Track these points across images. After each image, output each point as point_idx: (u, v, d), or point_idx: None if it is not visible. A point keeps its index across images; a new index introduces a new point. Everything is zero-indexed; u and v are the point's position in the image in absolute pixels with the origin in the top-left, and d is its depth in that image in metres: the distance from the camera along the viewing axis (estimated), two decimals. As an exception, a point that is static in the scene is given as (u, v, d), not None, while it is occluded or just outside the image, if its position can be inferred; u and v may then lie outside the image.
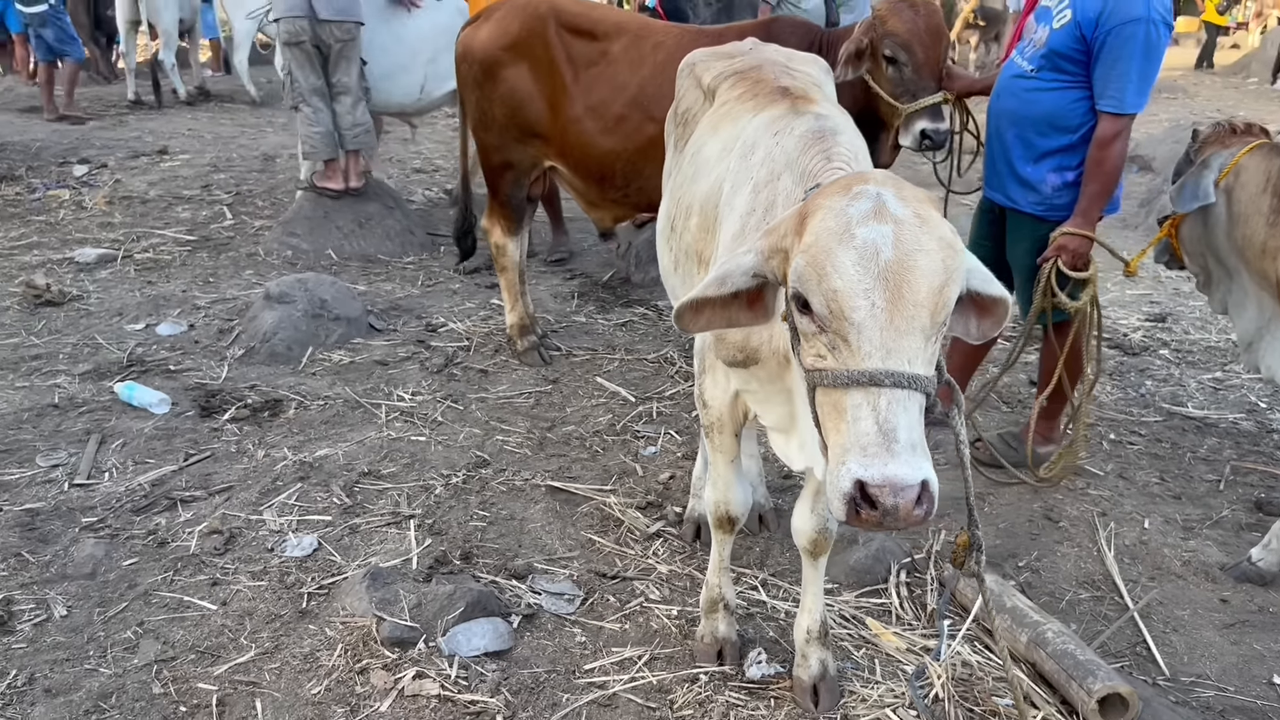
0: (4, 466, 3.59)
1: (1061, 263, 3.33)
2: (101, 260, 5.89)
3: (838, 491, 1.52)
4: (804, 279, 1.57)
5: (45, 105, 10.40)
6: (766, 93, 2.28)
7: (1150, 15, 3.06)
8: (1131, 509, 3.59)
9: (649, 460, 3.85)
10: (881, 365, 1.52)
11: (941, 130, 3.81)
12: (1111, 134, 3.18)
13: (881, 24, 3.79)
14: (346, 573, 3.04)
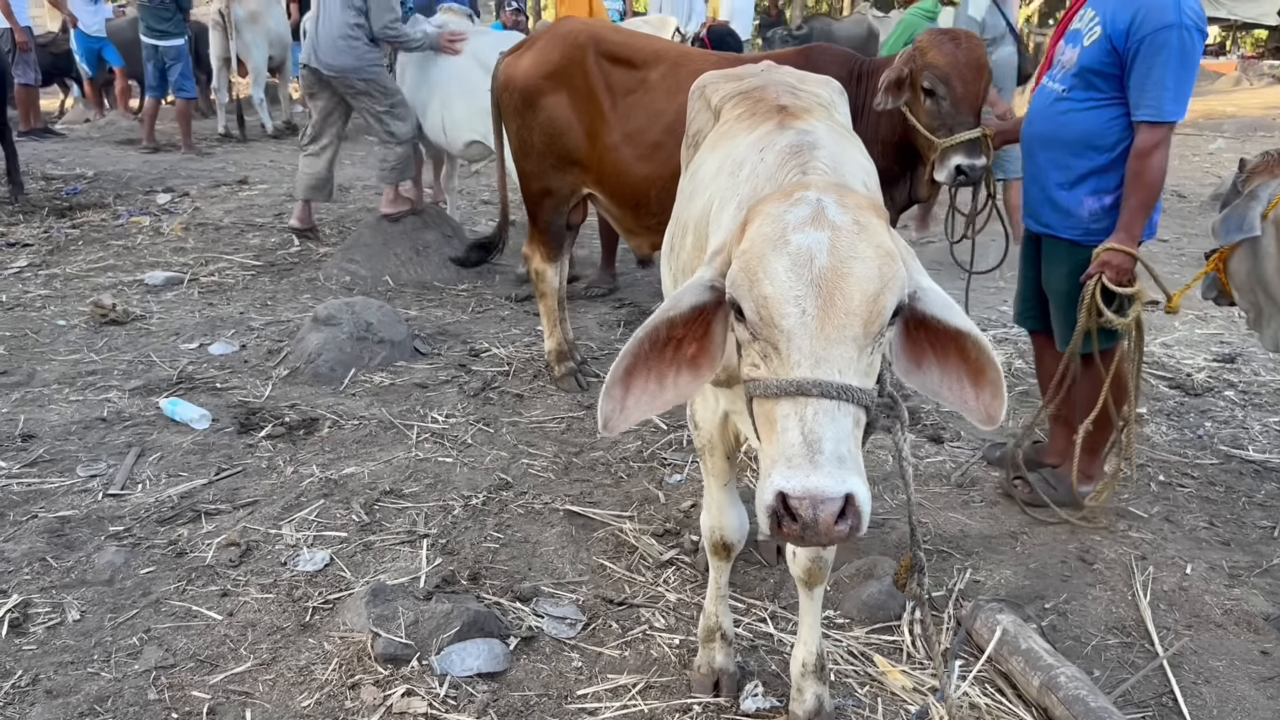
0: (46, 475, 3.72)
1: (1106, 279, 3.20)
2: (169, 283, 6.10)
3: (761, 503, 1.48)
4: (737, 284, 1.55)
5: (146, 137, 10.92)
6: (763, 111, 2.26)
7: (1182, 21, 2.96)
8: (1174, 553, 3.41)
9: (673, 488, 3.80)
10: (810, 374, 1.48)
11: (978, 166, 3.73)
12: (1151, 144, 3.06)
13: (922, 55, 3.73)
14: (353, 589, 3.05)
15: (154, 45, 10.50)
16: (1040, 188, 3.44)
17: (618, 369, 1.68)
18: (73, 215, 7.84)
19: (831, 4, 33.51)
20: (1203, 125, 15.15)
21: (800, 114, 2.18)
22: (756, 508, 1.51)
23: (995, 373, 1.69)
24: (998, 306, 6.06)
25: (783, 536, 1.47)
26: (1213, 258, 3.43)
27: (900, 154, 3.94)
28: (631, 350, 1.69)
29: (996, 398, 1.71)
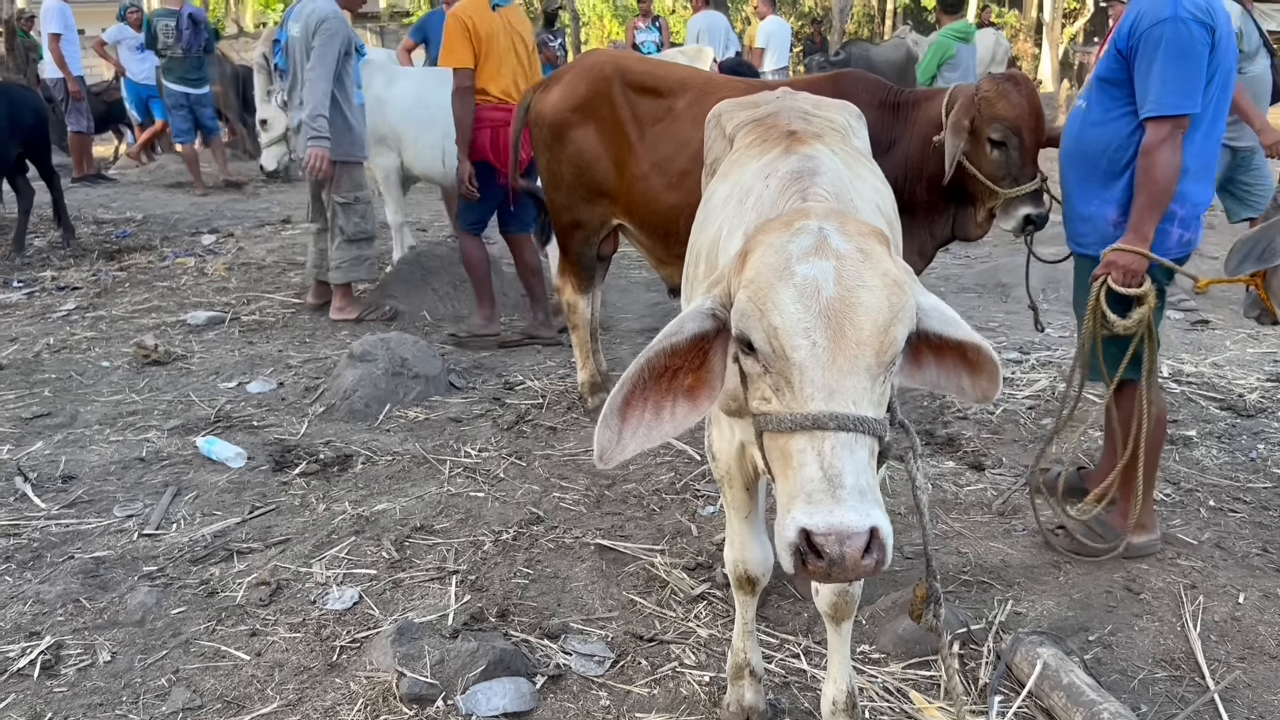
0: (84, 516, 3.76)
1: (1112, 280, 3.11)
2: (210, 322, 6.19)
3: (783, 541, 1.44)
4: (745, 316, 1.51)
5: (196, 182, 11.17)
6: (773, 138, 2.23)
7: (1178, 14, 2.89)
8: (1226, 582, 3.28)
9: (706, 520, 3.75)
10: (825, 408, 1.45)
11: (1044, 214, 3.72)
12: (1156, 140, 2.97)
13: (989, 106, 3.67)
14: (381, 627, 3.03)
15: (187, 93, 10.82)
16: (1071, 204, 3.37)
17: (615, 399, 1.65)
18: (121, 258, 8.02)
19: (872, 29, 33.50)
20: (1254, 139, 14.83)
21: (808, 139, 2.15)
22: (777, 545, 1.47)
23: (993, 366, 1.69)
24: (1041, 329, 5.94)
25: (808, 574, 1.44)
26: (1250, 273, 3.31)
27: (947, 191, 3.86)
28: (631, 379, 1.65)
29: (993, 383, 1.72)
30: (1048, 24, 26.85)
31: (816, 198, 1.83)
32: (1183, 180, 3.06)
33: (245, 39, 24.37)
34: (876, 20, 34.30)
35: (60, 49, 11.26)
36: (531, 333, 5.94)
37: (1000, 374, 1.72)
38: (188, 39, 10.47)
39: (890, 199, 2.39)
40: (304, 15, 5.63)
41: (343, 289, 6.22)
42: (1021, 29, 28.46)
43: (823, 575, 1.42)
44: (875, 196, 2.17)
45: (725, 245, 2.11)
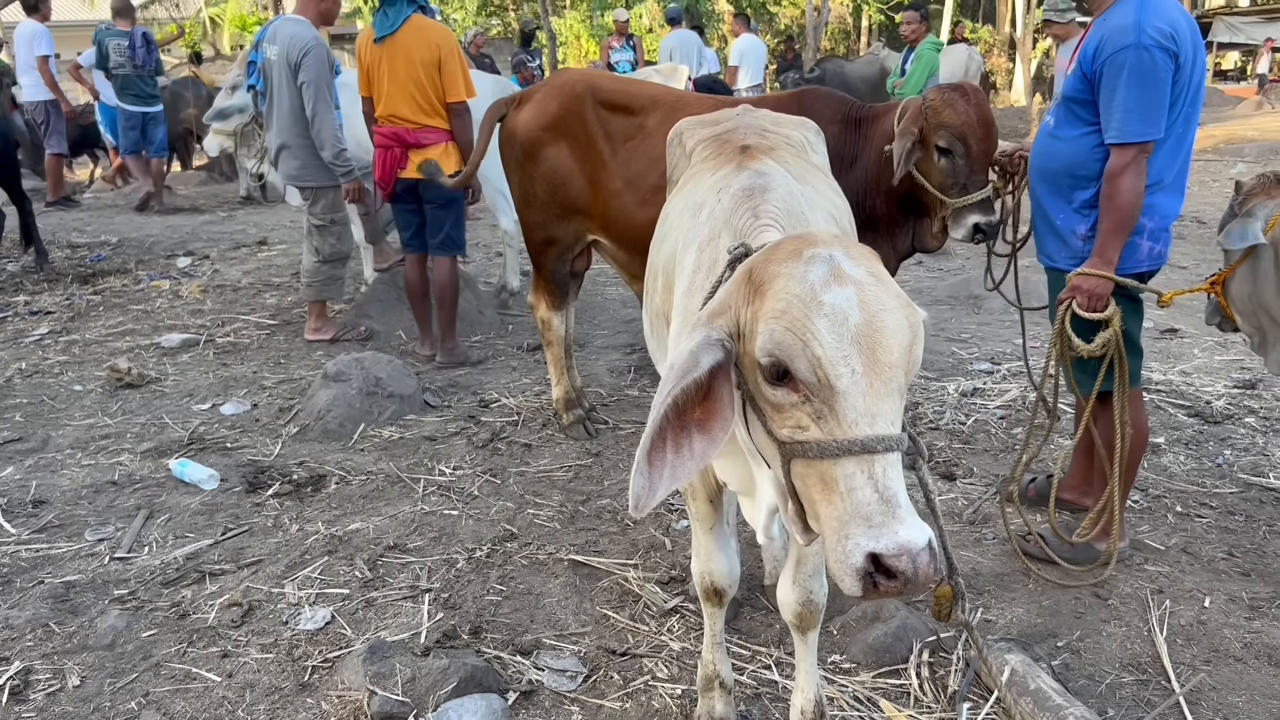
0: (55, 540, 3.74)
1: (1076, 305, 3.15)
2: (184, 345, 6.17)
3: (849, 568, 1.45)
4: (785, 347, 1.50)
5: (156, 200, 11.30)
6: (727, 153, 2.26)
7: (1141, 41, 2.93)
8: (1192, 586, 3.32)
9: (679, 535, 3.76)
10: (870, 431, 1.48)
11: (994, 223, 3.73)
12: (1119, 166, 3.02)
13: (935, 115, 3.70)
14: (353, 646, 3.03)
15: (143, 111, 10.94)
16: (1043, 219, 3.41)
17: (647, 443, 1.61)
18: (95, 282, 7.98)
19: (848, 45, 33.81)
20: (1224, 150, 15.05)
21: (760, 154, 2.18)
22: (835, 573, 1.48)
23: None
24: (1013, 340, 6.00)
25: (878, 596, 1.45)
26: (1210, 280, 3.37)
27: (904, 203, 3.90)
28: (659, 422, 1.61)
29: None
30: (1020, 39, 27.16)
31: (768, 215, 1.86)
32: (1153, 193, 3.11)
33: (221, 61, 24.38)
34: (852, 37, 34.64)
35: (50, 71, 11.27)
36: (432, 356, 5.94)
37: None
38: (141, 57, 10.59)
39: (846, 212, 2.42)
40: (281, 38, 5.64)
41: (317, 309, 6.23)
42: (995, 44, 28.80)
43: (895, 594, 1.45)
44: (830, 208, 2.19)
45: (681, 259, 2.13)
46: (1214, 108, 21.74)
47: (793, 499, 1.59)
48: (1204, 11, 29.86)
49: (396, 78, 5.24)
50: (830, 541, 1.48)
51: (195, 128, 12.80)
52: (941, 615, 1.98)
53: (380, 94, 5.34)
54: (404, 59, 5.22)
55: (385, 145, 5.41)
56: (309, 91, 5.60)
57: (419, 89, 5.25)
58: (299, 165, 5.84)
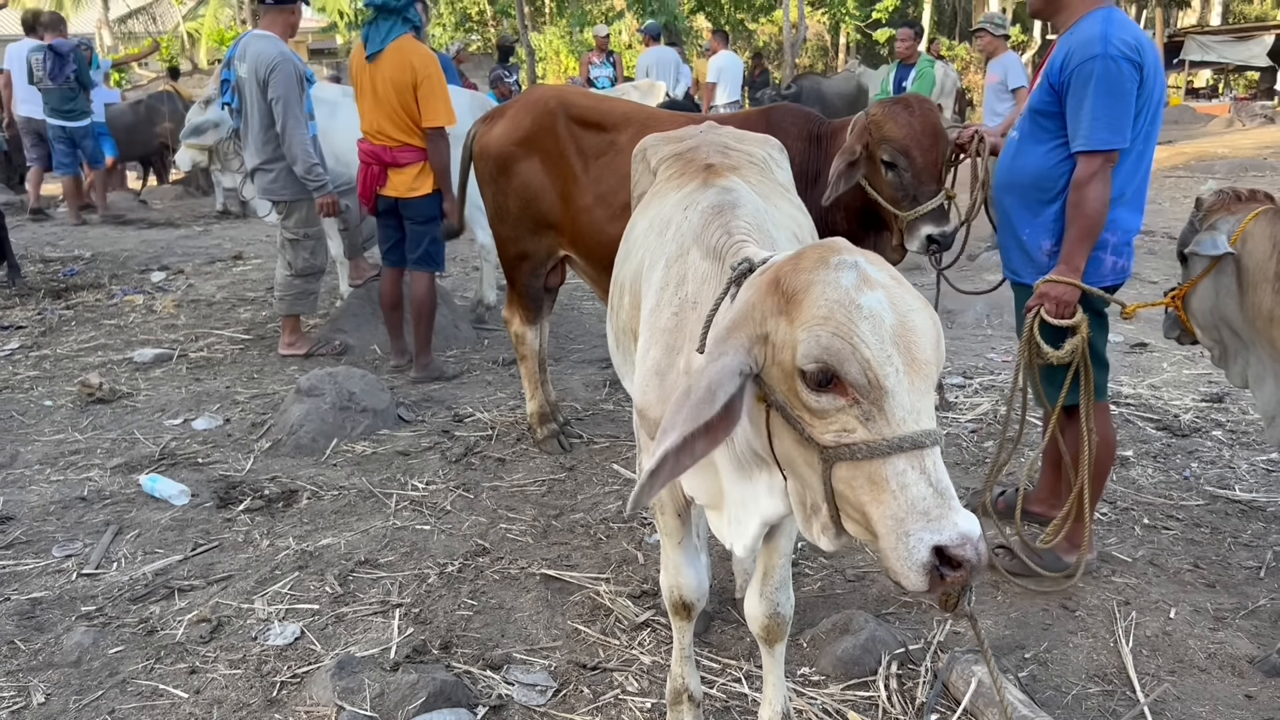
0: (21, 557, 3.71)
1: (1044, 312, 3.18)
2: (158, 359, 6.14)
3: (914, 564, 1.46)
4: (835, 351, 1.51)
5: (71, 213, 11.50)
6: (691, 171, 2.28)
7: (1108, 51, 2.98)
8: (1158, 597, 3.35)
9: (652, 549, 3.76)
10: (917, 427, 1.51)
11: (948, 233, 3.72)
12: (1087, 174, 3.06)
13: (878, 129, 3.71)
14: (323, 662, 3.01)
15: (62, 125, 10.88)
16: (1010, 234, 3.45)
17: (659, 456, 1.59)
18: (68, 296, 7.93)
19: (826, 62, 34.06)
20: (1195, 167, 15.25)
21: (725, 172, 2.20)
22: (898, 571, 1.49)
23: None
24: (984, 354, 6.06)
25: (945, 587, 1.47)
26: (1169, 294, 3.41)
27: (863, 218, 3.92)
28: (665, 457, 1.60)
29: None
30: (995, 56, 27.38)
31: (740, 230, 1.88)
32: (1115, 208, 3.15)
33: (199, 76, 24.32)
34: (830, 54, 34.90)
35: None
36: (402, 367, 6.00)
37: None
38: (52, 70, 10.55)
39: (810, 228, 2.45)
40: (250, 56, 5.65)
41: (291, 323, 6.21)
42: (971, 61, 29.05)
43: (960, 584, 1.46)
44: (792, 225, 2.22)
45: (648, 275, 2.15)
46: (1186, 125, 22.07)
47: (830, 504, 1.60)
48: (1176, 30, 30.31)
49: (377, 96, 5.28)
50: (888, 541, 1.49)
51: (171, 142, 12.74)
52: (949, 606, 1.98)
53: (364, 110, 5.38)
54: (384, 79, 5.25)
55: (366, 162, 5.45)
56: (279, 107, 5.61)
57: (395, 110, 5.28)
58: (271, 179, 5.83)
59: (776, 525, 2.15)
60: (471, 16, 31.15)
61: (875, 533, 1.51)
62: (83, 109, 10.98)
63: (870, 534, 1.53)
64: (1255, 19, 32.84)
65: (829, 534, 1.63)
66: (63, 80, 10.64)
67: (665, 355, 2.02)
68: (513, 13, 24.38)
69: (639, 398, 2.10)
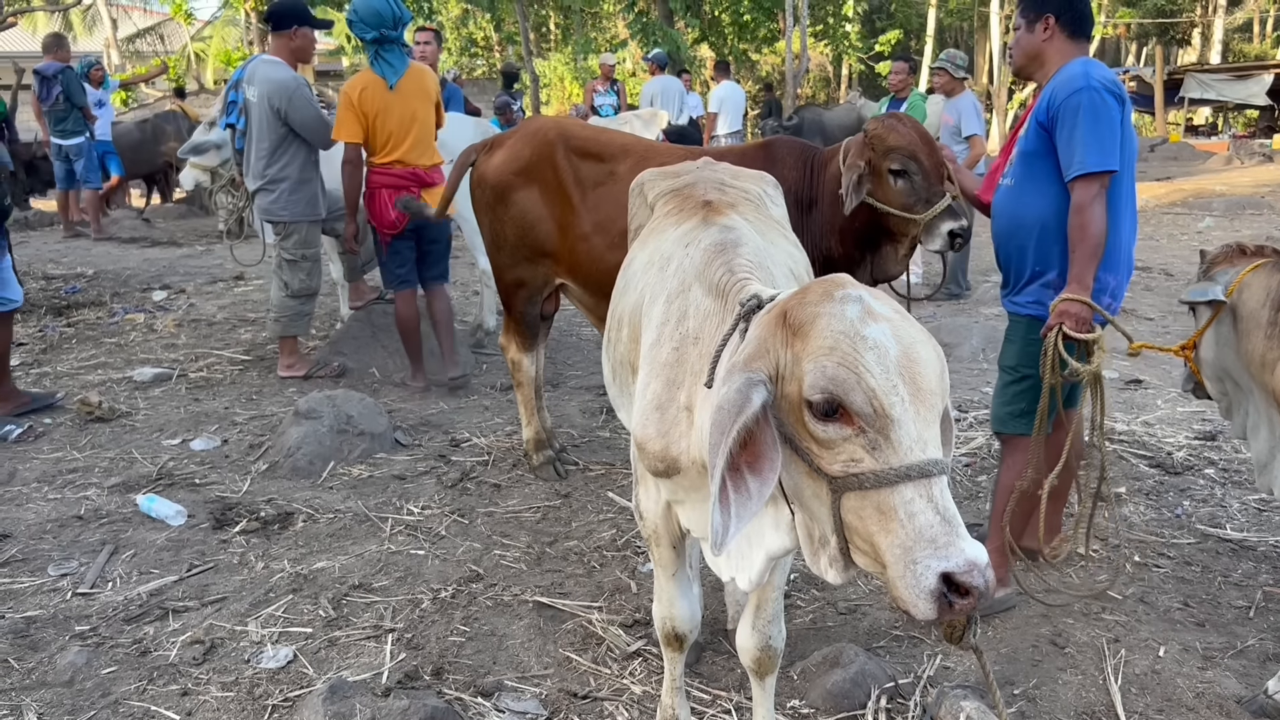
0: (17, 575, 3.72)
1: (1067, 328, 3.22)
2: (157, 379, 6.17)
3: (922, 591, 1.48)
4: (840, 382, 1.55)
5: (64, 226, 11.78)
6: (690, 208, 2.33)
7: (1090, 84, 3.12)
8: (1148, 635, 3.37)
9: (645, 578, 3.78)
10: (923, 456, 1.53)
11: (965, 226, 3.85)
12: (1086, 197, 3.14)
13: (880, 142, 3.84)
14: (315, 686, 3.02)
15: (59, 144, 11.19)
16: (1009, 271, 3.51)
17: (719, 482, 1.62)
18: (69, 314, 7.96)
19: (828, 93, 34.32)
20: (1193, 204, 15.32)
21: (724, 210, 2.25)
22: (906, 600, 1.51)
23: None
24: (980, 388, 6.09)
25: (951, 615, 1.49)
26: (1181, 345, 3.46)
27: (860, 239, 4.01)
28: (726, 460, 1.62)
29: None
30: (995, 92, 27.66)
31: (743, 268, 1.93)
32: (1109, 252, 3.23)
33: (205, 95, 24.47)
34: (832, 85, 35.17)
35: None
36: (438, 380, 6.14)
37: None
38: (40, 93, 10.98)
39: (805, 264, 2.49)
40: (259, 81, 5.73)
41: (288, 345, 6.26)
42: (972, 95, 29.25)
43: (967, 610, 1.48)
44: (789, 261, 2.26)
45: (648, 310, 2.18)
46: (1184, 162, 22.20)
47: (839, 536, 1.62)
48: (1176, 68, 30.55)
49: (412, 120, 5.48)
50: (896, 570, 1.51)
51: (176, 161, 12.82)
52: (954, 638, 1.99)
53: (386, 138, 5.47)
54: (415, 102, 5.45)
55: (398, 185, 5.51)
56: (308, 133, 5.79)
57: (426, 129, 5.52)
58: (272, 199, 5.90)
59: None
60: (477, 42, 31.41)
61: (884, 562, 1.53)
62: (75, 128, 11.16)
63: (879, 564, 1.55)
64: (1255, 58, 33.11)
65: (837, 566, 1.65)
66: (51, 102, 10.95)
67: (666, 389, 2.05)
68: (518, 39, 24.60)
69: (638, 431, 2.12)
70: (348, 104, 5.39)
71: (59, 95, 10.88)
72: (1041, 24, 3.33)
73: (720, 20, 26.51)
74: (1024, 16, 3.40)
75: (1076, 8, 3.32)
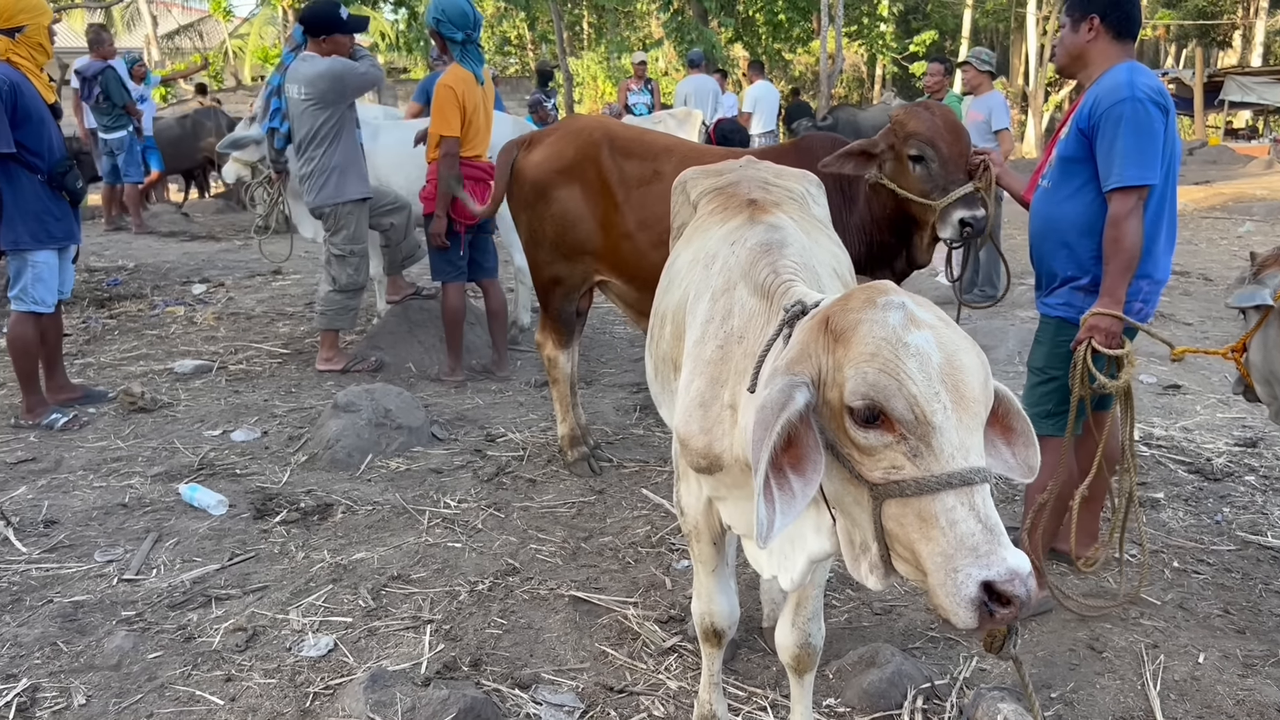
0: (65, 560, 3.80)
1: (1096, 343, 3.21)
2: (198, 371, 6.26)
3: (962, 600, 1.48)
4: (881, 387, 1.55)
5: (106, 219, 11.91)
6: (734, 206, 2.34)
7: (1135, 95, 3.10)
8: (1187, 642, 3.35)
9: (680, 574, 3.80)
10: (966, 464, 1.53)
11: (980, 217, 3.84)
12: (1123, 211, 3.13)
13: (902, 127, 3.90)
14: (355, 674, 3.07)
15: (105, 139, 11.33)
16: (1042, 273, 3.50)
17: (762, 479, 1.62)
18: (111, 306, 8.09)
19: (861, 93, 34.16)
20: (1232, 209, 15.14)
21: (769, 208, 2.26)
22: (947, 608, 1.51)
23: (1023, 423, 1.79)
24: (1015, 390, 6.03)
25: (992, 624, 1.49)
26: (1229, 348, 3.44)
27: (894, 228, 4.08)
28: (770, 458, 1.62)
29: (1030, 448, 1.81)
30: (1032, 92, 27.44)
31: (788, 270, 1.94)
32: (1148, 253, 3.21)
33: (242, 92, 24.74)
34: (865, 85, 34.99)
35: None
36: (490, 369, 6.36)
37: (1032, 432, 1.82)
38: (82, 92, 11.14)
39: (847, 263, 2.50)
40: (300, 77, 5.81)
41: (329, 338, 6.32)
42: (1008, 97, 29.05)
43: (1009, 620, 1.48)
44: (832, 261, 2.27)
45: (692, 308, 2.20)
46: (1224, 165, 21.92)
47: (880, 543, 1.63)
48: (1216, 71, 30.15)
49: (488, 116, 5.73)
50: (937, 578, 1.51)
51: (215, 157, 12.97)
52: (994, 648, 1.99)
53: (475, 132, 5.63)
54: (487, 101, 5.69)
55: (480, 178, 5.67)
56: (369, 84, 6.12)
57: (489, 129, 5.74)
58: (320, 189, 5.98)
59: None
60: (510, 41, 31.53)
61: (924, 570, 1.53)
62: (117, 123, 11.30)
63: (919, 571, 1.55)
64: (1297, 61, 32.64)
65: (877, 573, 1.65)
66: (92, 101, 11.13)
67: (709, 387, 2.07)
68: (552, 38, 24.68)
69: (681, 427, 2.14)
70: (452, 98, 5.42)
71: (99, 94, 11.05)
72: (1086, 24, 3.31)
73: (754, 20, 26.45)
74: (1069, 15, 3.38)
75: (1123, 8, 3.29)
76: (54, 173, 5.03)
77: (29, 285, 5.10)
